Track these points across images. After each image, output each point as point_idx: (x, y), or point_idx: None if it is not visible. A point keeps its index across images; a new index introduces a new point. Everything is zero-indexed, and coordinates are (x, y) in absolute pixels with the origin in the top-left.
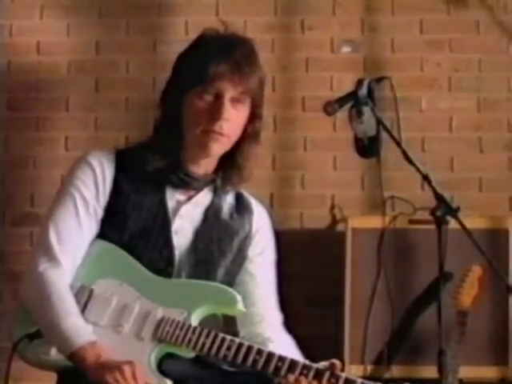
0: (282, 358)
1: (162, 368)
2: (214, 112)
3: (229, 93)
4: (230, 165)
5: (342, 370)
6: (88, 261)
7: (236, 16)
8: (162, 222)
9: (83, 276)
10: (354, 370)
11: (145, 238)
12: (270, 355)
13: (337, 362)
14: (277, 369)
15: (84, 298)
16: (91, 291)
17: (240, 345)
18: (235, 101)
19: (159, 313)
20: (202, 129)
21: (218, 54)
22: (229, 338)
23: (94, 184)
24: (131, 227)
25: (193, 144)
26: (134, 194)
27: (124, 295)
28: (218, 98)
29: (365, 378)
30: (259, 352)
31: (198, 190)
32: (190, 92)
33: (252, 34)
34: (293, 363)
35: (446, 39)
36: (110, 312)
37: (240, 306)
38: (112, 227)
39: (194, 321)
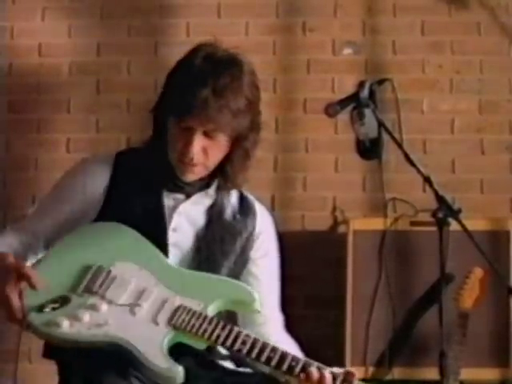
0: (295, 359)
1: None
2: (185, 145)
3: (199, 129)
4: (221, 174)
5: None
6: (104, 240)
7: (237, 18)
8: (158, 219)
9: (100, 256)
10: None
11: (140, 234)
12: (284, 354)
13: (353, 371)
14: (290, 368)
15: (101, 277)
16: (109, 272)
17: (255, 340)
18: (208, 134)
19: (177, 300)
20: (177, 157)
21: (190, 89)
22: (244, 332)
23: (83, 192)
24: (127, 224)
25: (173, 165)
26: (131, 194)
27: (143, 280)
28: (190, 131)
29: (366, 379)
30: (273, 350)
31: (194, 192)
32: (171, 116)
33: (253, 36)
34: (307, 364)
35: (447, 41)
36: (128, 292)
37: (257, 305)
38: None
39: (210, 311)
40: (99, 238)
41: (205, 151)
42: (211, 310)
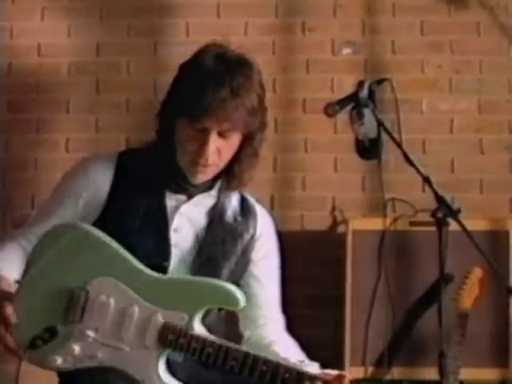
0: (288, 369)
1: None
2: (200, 146)
3: (215, 129)
4: (227, 174)
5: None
6: (76, 253)
7: (237, 18)
8: (160, 219)
9: (76, 275)
10: (354, 372)
11: (142, 234)
12: (277, 366)
13: (345, 374)
14: (284, 381)
15: (81, 302)
16: (87, 294)
17: (246, 355)
18: (222, 134)
19: (159, 318)
20: (190, 158)
21: (206, 90)
22: (233, 347)
23: (85, 191)
24: (129, 224)
25: (183, 167)
26: (133, 194)
27: (121, 297)
28: (205, 132)
29: (365, 379)
30: (266, 362)
31: (197, 193)
32: (182, 118)
33: (253, 36)
34: (300, 375)
35: (446, 41)
36: (110, 316)
37: (241, 304)
38: (109, 224)
39: (197, 322)
40: (70, 250)
41: (219, 151)
42: (197, 319)
